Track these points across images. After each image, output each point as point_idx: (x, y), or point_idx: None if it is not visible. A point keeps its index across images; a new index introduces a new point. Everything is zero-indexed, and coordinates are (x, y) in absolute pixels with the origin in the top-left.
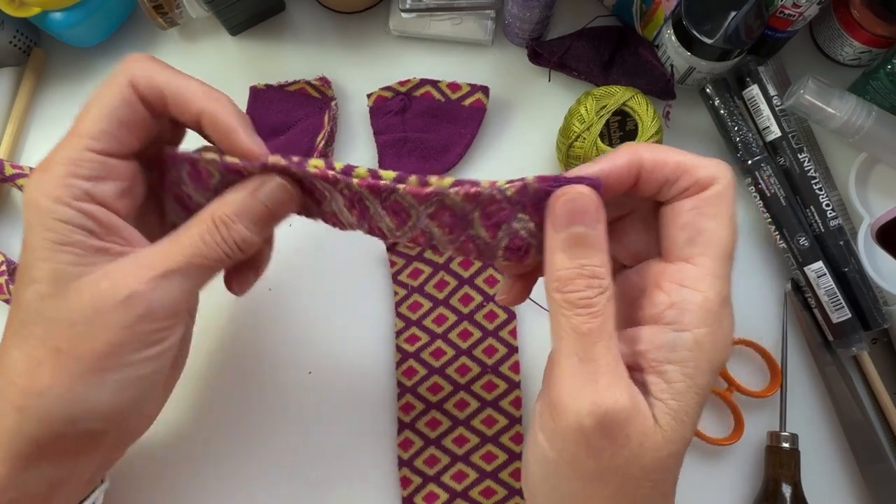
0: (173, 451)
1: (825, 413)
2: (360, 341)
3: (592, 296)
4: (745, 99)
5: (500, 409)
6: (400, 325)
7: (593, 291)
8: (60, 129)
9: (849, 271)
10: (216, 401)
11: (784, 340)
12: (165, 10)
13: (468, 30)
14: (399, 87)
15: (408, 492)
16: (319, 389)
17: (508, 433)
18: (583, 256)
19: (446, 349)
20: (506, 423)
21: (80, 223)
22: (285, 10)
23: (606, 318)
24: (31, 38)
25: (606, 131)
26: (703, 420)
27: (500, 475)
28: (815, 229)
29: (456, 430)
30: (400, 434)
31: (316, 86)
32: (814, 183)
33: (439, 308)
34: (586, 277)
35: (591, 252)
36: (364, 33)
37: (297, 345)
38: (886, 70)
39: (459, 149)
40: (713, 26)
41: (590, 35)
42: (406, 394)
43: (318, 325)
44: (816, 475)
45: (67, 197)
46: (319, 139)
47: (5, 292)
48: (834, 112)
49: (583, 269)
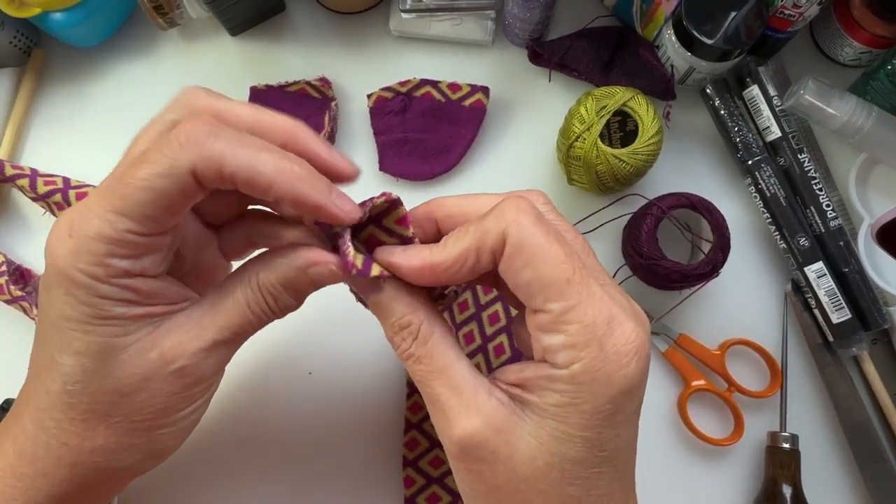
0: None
1: (825, 413)
2: (370, 340)
3: (408, 346)
4: (746, 99)
5: None
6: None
7: (407, 342)
8: (60, 129)
9: (849, 272)
10: (216, 401)
11: (784, 341)
12: (165, 11)
13: (468, 30)
14: (399, 87)
15: (411, 492)
16: (323, 387)
17: None
18: (386, 317)
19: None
20: None
21: (121, 297)
22: (285, 10)
23: (432, 357)
24: (31, 39)
25: (606, 132)
26: (703, 420)
27: None
28: (815, 229)
29: None
30: (407, 434)
31: (316, 86)
32: (814, 183)
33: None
34: (397, 332)
35: (388, 311)
36: (364, 33)
37: (299, 344)
38: (886, 70)
39: (459, 149)
40: (713, 26)
41: (590, 35)
42: (415, 394)
43: (323, 322)
44: (816, 475)
45: (106, 276)
46: None
47: (5, 292)
48: (834, 112)
49: (393, 326)
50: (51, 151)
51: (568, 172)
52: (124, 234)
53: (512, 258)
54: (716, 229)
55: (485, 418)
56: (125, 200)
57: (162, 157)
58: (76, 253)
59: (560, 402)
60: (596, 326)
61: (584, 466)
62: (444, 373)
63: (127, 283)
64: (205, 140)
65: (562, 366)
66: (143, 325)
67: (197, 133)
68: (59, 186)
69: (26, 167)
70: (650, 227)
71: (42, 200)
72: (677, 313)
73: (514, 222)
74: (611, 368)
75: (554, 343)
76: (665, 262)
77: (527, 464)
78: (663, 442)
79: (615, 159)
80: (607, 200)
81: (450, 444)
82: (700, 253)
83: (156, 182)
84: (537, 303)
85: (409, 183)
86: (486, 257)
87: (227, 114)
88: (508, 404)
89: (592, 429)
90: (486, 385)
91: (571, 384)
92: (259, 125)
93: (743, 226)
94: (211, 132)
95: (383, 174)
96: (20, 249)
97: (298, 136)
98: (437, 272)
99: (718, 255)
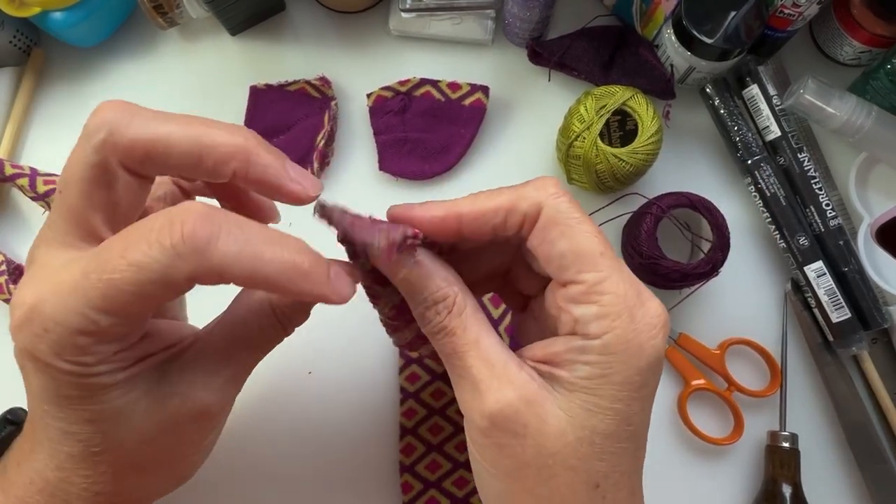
0: None
1: (825, 413)
2: (363, 344)
3: (442, 319)
4: (745, 99)
5: None
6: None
7: (441, 316)
8: (60, 129)
9: (849, 271)
10: None
11: (784, 340)
12: (165, 10)
13: (468, 30)
14: (399, 86)
15: (409, 497)
16: (320, 391)
17: None
18: (419, 292)
19: None
20: None
21: (116, 368)
22: (285, 10)
23: (465, 329)
24: (31, 38)
25: (606, 131)
26: (703, 419)
27: None
28: (815, 229)
29: (458, 437)
30: (402, 439)
31: (316, 85)
32: (814, 183)
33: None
34: (431, 307)
35: (420, 286)
36: (364, 33)
37: (296, 344)
38: (886, 70)
39: (459, 149)
40: (713, 26)
41: (590, 35)
42: (409, 399)
43: (318, 324)
44: (816, 475)
45: (96, 361)
46: (319, 139)
47: (5, 292)
48: (834, 112)
49: (425, 301)
50: (50, 151)
51: (568, 172)
52: (108, 328)
53: (548, 228)
54: (715, 229)
55: (517, 390)
56: (107, 301)
57: (153, 264)
58: (58, 347)
59: (591, 373)
60: (627, 297)
61: (613, 440)
62: (477, 345)
63: (119, 356)
64: (206, 247)
65: (594, 336)
66: (148, 376)
67: (197, 236)
68: None
69: (26, 166)
70: (650, 227)
71: (42, 200)
72: (677, 313)
73: (552, 195)
74: (642, 339)
75: (587, 313)
76: (665, 262)
77: (557, 438)
78: (663, 442)
79: (615, 158)
80: (607, 200)
81: (479, 418)
82: (700, 252)
83: (146, 288)
84: (570, 273)
85: (408, 182)
86: (516, 220)
87: (160, 145)
88: (538, 379)
89: (622, 400)
90: (516, 359)
91: (604, 354)
92: (200, 150)
93: (743, 225)
94: (212, 235)
95: (383, 174)
96: (20, 249)
97: (251, 154)
98: (462, 222)
99: (718, 255)
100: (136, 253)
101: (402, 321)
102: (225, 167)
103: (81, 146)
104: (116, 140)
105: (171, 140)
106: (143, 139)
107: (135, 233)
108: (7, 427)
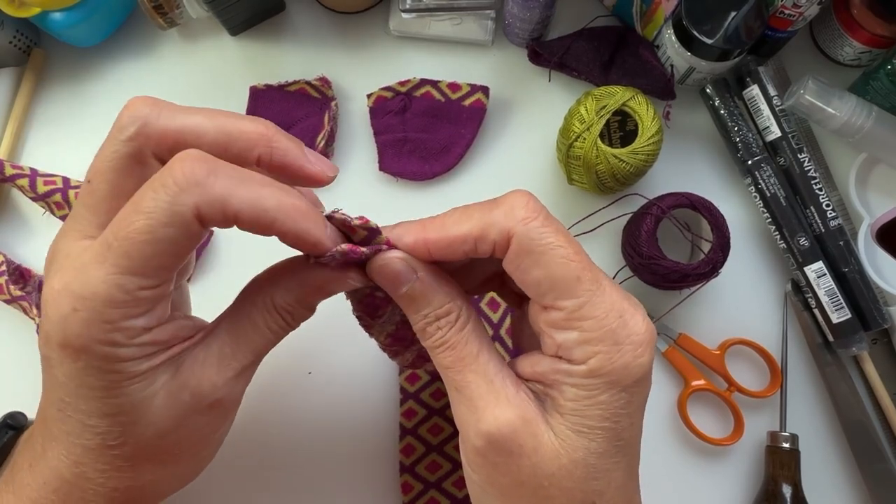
0: None
1: (825, 413)
2: (363, 345)
3: (444, 334)
4: (745, 99)
5: None
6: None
7: (443, 331)
8: (60, 129)
9: (849, 271)
10: None
11: (784, 340)
12: (165, 10)
13: (468, 30)
14: (399, 87)
15: (409, 498)
16: (320, 391)
17: None
18: (421, 308)
19: None
20: None
21: (144, 354)
22: (285, 10)
23: (466, 345)
24: (31, 38)
25: (606, 131)
26: (703, 420)
27: None
28: (815, 229)
29: (458, 438)
30: (402, 440)
31: (316, 86)
32: (814, 183)
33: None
34: (433, 322)
35: (424, 301)
36: (364, 33)
37: (296, 344)
38: (886, 70)
39: (459, 149)
40: (713, 26)
41: (590, 35)
42: (409, 399)
43: (318, 324)
44: (816, 475)
45: (126, 339)
46: (319, 139)
47: (5, 292)
48: (834, 112)
49: (426, 317)
50: (50, 151)
51: (568, 172)
52: (136, 292)
53: (520, 257)
54: (716, 229)
55: (515, 409)
56: (130, 259)
57: (161, 204)
58: (89, 326)
59: (577, 395)
60: (609, 319)
61: (606, 458)
62: (477, 360)
63: (147, 338)
64: (205, 179)
65: (578, 361)
66: (165, 370)
67: (195, 172)
68: (59, 186)
69: (26, 167)
70: (650, 227)
71: (42, 200)
72: (677, 313)
73: (522, 221)
74: (627, 360)
75: (569, 339)
76: (665, 262)
77: (552, 461)
78: (663, 442)
79: (615, 159)
80: (607, 200)
81: (475, 436)
82: (700, 253)
83: (160, 232)
84: (548, 300)
85: (408, 183)
86: (486, 248)
87: (190, 135)
88: (534, 399)
89: (610, 419)
90: (514, 377)
91: (589, 378)
92: (227, 138)
93: (743, 226)
94: (210, 170)
95: (383, 174)
96: (20, 249)
97: (272, 141)
98: (431, 250)
99: (718, 255)
100: (144, 201)
101: (401, 346)
102: (250, 154)
103: (113, 137)
104: (150, 131)
105: (200, 129)
106: (175, 128)
107: (141, 190)
108: (8, 432)
